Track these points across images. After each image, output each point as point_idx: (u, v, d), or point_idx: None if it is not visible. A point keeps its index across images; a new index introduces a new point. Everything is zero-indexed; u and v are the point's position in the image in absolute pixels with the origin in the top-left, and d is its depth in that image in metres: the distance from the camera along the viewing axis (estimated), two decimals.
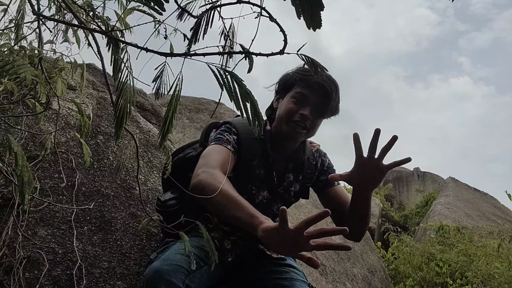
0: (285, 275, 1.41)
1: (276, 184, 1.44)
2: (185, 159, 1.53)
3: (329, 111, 1.41)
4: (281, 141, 1.43)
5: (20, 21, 1.37)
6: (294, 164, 1.47)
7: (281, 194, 1.47)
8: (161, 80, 0.76)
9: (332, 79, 1.38)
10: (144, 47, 0.71)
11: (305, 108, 1.35)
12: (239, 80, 0.71)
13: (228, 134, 1.37)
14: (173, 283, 1.12)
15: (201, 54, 0.71)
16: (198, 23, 0.80)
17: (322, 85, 1.34)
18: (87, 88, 2.21)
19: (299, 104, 1.36)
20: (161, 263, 1.17)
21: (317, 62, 0.77)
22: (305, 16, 0.56)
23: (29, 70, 0.83)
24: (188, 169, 1.50)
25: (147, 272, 1.17)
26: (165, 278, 1.12)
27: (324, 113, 1.40)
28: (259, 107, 0.74)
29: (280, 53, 0.71)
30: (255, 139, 1.41)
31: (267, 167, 1.42)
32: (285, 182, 1.47)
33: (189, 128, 4.98)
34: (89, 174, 1.70)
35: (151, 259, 1.33)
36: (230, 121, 1.45)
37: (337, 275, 2.95)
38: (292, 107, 1.36)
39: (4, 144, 1.51)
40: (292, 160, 1.47)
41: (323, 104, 1.36)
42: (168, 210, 1.41)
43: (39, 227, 1.40)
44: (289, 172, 1.47)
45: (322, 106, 1.37)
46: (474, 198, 7.83)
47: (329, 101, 1.36)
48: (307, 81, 1.35)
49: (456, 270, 3.94)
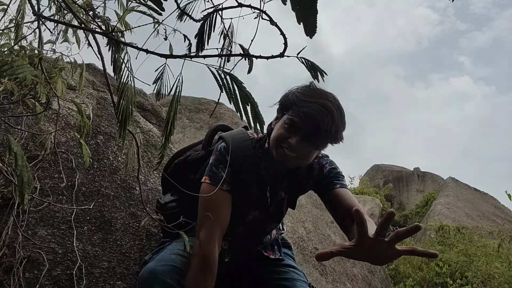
0: (286, 275, 1.41)
1: (269, 204, 1.39)
2: (187, 161, 1.52)
3: (324, 143, 1.27)
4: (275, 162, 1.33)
5: (20, 21, 1.37)
6: (288, 181, 1.40)
7: (273, 213, 1.43)
8: (161, 81, 0.76)
9: (334, 107, 1.21)
10: (144, 48, 0.71)
11: (294, 137, 1.22)
12: (238, 82, 0.71)
13: (222, 168, 1.31)
14: (168, 283, 1.12)
15: (201, 56, 0.71)
16: (202, 28, 0.80)
17: (313, 117, 1.19)
18: (87, 88, 2.21)
19: (290, 131, 1.24)
20: (156, 264, 1.17)
21: (316, 65, 0.77)
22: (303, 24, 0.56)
23: (28, 70, 0.83)
24: (189, 171, 1.50)
25: (142, 273, 1.17)
26: (159, 278, 1.12)
27: (318, 145, 1.26)
28: (259, 108, 0.74)
29: (280, 56, 0.71)
30: (249, 156, 1.34)
31: (260, 187, 1.37)
32: (277, 200, 1.41)
33: (189, 128, 4.98)
34: (89, 174, 1.70)
35: (145, 260, 1.33)
36: (226, 140, 1.37)
37: (337, 275, 2.95)
38: (282, 133, 1.25)
39: (4, 144, 1.51)
40: (287, 177, 1.39)
41: (314, 136, 1.22)
42: (167, 212, 1.41)
43: (39, 227, 1.40)
44: (282, 190, 1.41)
45: (313, 138, 1.22)
46: (474, 198, 7.83)
47: (321, 133, 1.21)
48: (301, 107, 1.22)
49: (456, 270, 3.94)
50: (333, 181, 1.37)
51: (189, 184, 1.45)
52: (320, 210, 3.70)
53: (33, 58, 1.50)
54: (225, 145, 1.35)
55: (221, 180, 1.27)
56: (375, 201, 6.90)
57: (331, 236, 3.45)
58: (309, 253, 2.84)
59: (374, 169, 11.38)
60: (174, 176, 1.48)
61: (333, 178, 1.38)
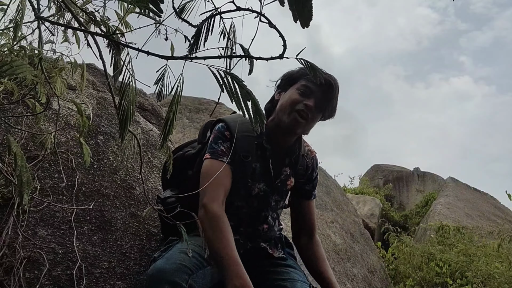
0: (286, 275, 1.41)
1: (273, 177, 1.46)
2: (184, 157, 1.55)
3: (330, 109, 1.46)
4: (277, 135, 1.46)
5: (20, 21, 1.37)
6: (290, 159, 1.51)
7: (278, 187, 1.49)
8: (162, 82, 0.76)
9: (335, 79, 1.43)
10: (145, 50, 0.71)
11: (310, 99, 1.39)
12: (239, 81, 0.71)
13: (221, 143, 1.39)
14: (177, 282, 1.11)
15: (201, 57, 0.71)
16: (199, 30, 0.80)
17: (327, 81, 1.39)
18: (87, 88, 2.21)
19: (304, 95, 1.40)
20: (165, 262, 1.16)
21: (316, 66, 0.77)
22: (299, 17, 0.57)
23: (28, 70, 0.83)
24: (187, 167, 1.52)
25: (150, 270, 1.16)
26: (168, 277, 1.11)
27: (325, 109, 1.45)
28: (260, 105, 0.75)
29: (279, 58, 0.72)
30: (249, 136, 1.43)
31: (263, 161, 1.45)
32: (282, 176, 1.49)
33: (189, 128, 4.98)
34: (89, 174, 1.70)
35: (154, 257, 1.32)
36: (224, 119, 1.46)
37: (337, 275, 2.95)
38: (297, 98, 1.40)
39: (4, 144, 1.51)
40: (288, 155, 1.50)
41: (326, 99, 1.42)
42: (167, 207, 1.42)
43: (39, 227, 1.40)
44: (286, 166, 1.51)
45: (325, 101, 1.42)
46: (474, 198, 7.83)
47: (331, 98, 1.43)
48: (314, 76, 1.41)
49: (456, 270, 3.94)
50: (313, 191, 1.59)
51: (187, 180, 1.47)
52: (320, 210, 3.70)
53: (33, 58, 1.50)
54: (223, 123, 1.44)
55: (221, 153, 1.36)
56: (375, 201, 6.90)
57: (331, 236, 3.45)
58: None
59: (374, 169, 11.38)
60: (173, 172, 1.50)
61: (314, 188, 1.59)
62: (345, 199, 4.90)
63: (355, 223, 4.34)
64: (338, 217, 3.98)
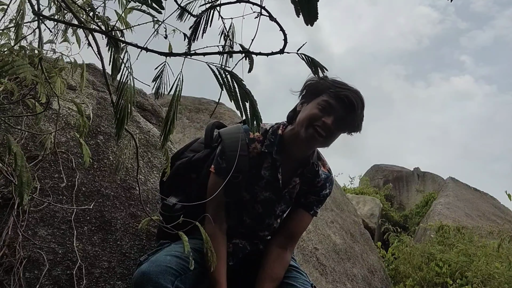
0: (288, 273, 1.41)
1: (282, 186, 1.43)
2: (191, 161, 1.53)
3: (351, 126, 1.40)
4: (293, 146, 1.41)
5: (20, 21, 1.37)
6: (302, 169, 1.45)
7: (285, 196, 1.46)
8: (161, 80, 0.76)
9: (360, 96, 1.38)
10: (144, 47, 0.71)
11: (329, 117, 1.33)
12: (238, 80, 0.71)
13: (221, 162, 1.40)
14: (161, 284, 1.11)
15: (201, 53, 0.71)
16: (198, 21, 0.80)
17: (350, 99, 1.33)
18: (87, 88, 2.21)
19: (324, 112, 1.34)
20: (150, 265, 1.16)
21: (317, 61, 0.77)
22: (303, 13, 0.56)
23: (28, 70, 0.83)
24: (192, 170, 1.52)
25: (135, 274, 1.17)
26: (152, 280, 1.11)
27: (346, 127, 1.39)
28: (258, 107, 0.74)
29: (280, 53, 0.71)
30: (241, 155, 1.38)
31: (272, 170, 1.41)
32: (290, 185, 1.45)
33: (189, 128, 4.98)
34: (89, 174, 1.70)
35: (140, 261, 1.32)
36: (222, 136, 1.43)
37: (337, 275, 2.95)
38: (316, 113, 1.34)
39: (4, 144, 1.51)
40: (301, 165, 1.45)
41: (347, 118, 1.36)
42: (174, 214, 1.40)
43: (39, 227, 1.40)
44: (296, 176, 1.45)
45: (346, 120, 1.36)
46: (474, 198, 7.82)
47: (353, 117, 1.36)
48: (337, 92, 1.35)
49: (456, 270, 3.93)
50: (314, 205, 1.50)
51: (191, 185, 1.47)
52: (320, 210, 3.70)
53: (33, 58, 1.50)
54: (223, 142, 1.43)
55: (223, 170, 1.37)
56: (375, 201, 6.90)
57: (331, 236, 3.45)
58: (309, 253, 2.84)
59: (374, 169, 11.37)
60: (177, 178, 1.50)
61: (318, 203, 1.51)
62: (345, 199, 4.90)
63: (355, 223, 4.34)
64: (338, 217, 3.98)
